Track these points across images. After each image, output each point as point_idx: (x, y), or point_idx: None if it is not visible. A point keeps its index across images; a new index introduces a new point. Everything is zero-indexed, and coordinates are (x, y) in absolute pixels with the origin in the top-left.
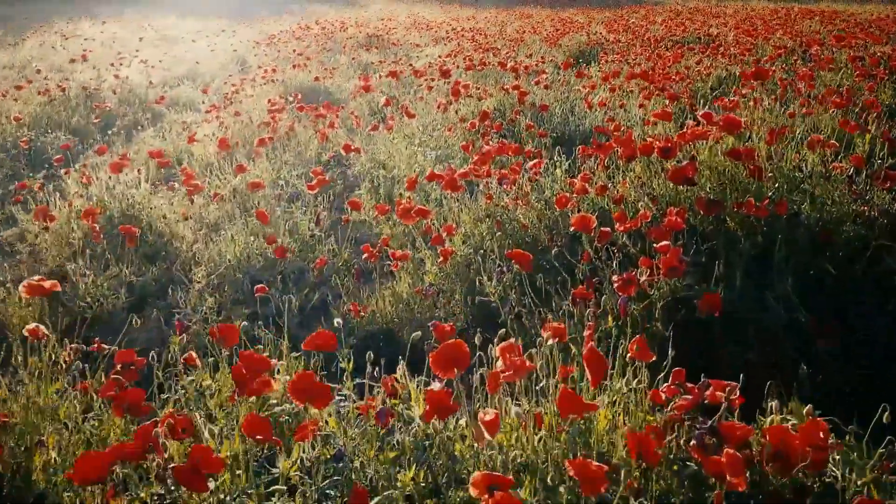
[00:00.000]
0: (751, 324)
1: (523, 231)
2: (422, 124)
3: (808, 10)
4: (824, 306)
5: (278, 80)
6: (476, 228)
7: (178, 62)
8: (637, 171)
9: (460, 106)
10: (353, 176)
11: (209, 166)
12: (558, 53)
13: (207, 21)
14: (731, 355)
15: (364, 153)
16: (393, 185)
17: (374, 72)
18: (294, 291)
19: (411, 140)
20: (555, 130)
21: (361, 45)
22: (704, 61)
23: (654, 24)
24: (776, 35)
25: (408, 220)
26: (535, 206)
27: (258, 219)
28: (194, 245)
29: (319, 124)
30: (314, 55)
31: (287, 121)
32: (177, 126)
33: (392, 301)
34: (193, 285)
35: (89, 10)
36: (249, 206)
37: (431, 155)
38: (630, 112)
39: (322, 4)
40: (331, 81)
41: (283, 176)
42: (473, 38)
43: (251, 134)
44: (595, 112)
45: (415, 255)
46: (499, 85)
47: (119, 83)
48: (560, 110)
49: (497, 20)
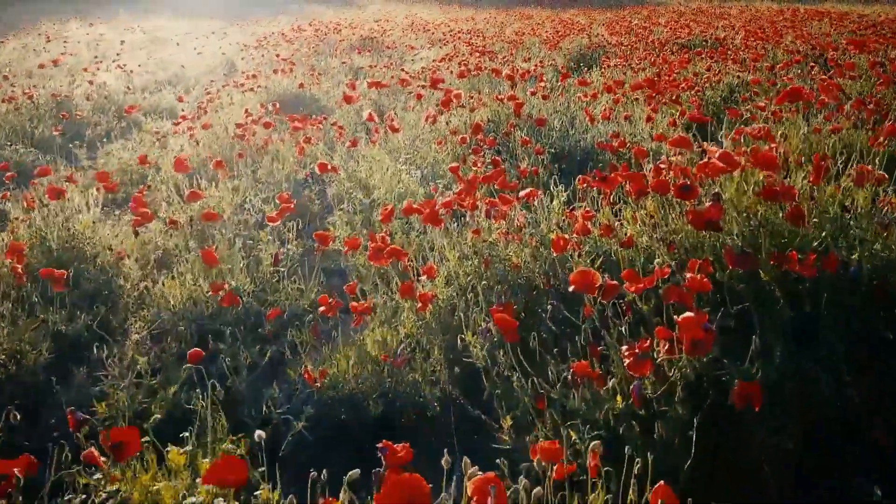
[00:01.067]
0: (793, 405)
1: (515, 271)
2: (410, 136)
3: (816, 11)
4: (881, 382)
5: (261, 86)
6: (461, 267)
7: (164, 66)
8: (649, 208)
9: (452, 116)
10: (333, 196)
11: (177, 185)
12: (558, 57)
13: (202, 22)
14: (768, 448)
15: (343, 171)
16: (372, 210)
17: (364, 77)
18: (247, 343)
19: (397, 155)
20: (553, 146)
21: (355, 47)
22: (713, 67)
23: (657, 26)
24: (787, 38)
25: (379, 262)
26: (528, 244)
27: (205, 261)
28: (141, 283)
29: (300, 136)
30: (304, 59)
31: (263, 133)
32: (149, 137)
33: (358, 362)
34: (131, 336)
35: (83, 10)
36: (210, 234)
37: (417, 174)
38: (636, 126)
39: (320, 5)
40: (317, 88)
41: (248, 200)
42: (469, 41)
43: (223, 148)
44: (598, 125)
45: (389, 300)
46: (493, 94)
47: (94, 89)
48: (559, 123)
49: (496, 21)
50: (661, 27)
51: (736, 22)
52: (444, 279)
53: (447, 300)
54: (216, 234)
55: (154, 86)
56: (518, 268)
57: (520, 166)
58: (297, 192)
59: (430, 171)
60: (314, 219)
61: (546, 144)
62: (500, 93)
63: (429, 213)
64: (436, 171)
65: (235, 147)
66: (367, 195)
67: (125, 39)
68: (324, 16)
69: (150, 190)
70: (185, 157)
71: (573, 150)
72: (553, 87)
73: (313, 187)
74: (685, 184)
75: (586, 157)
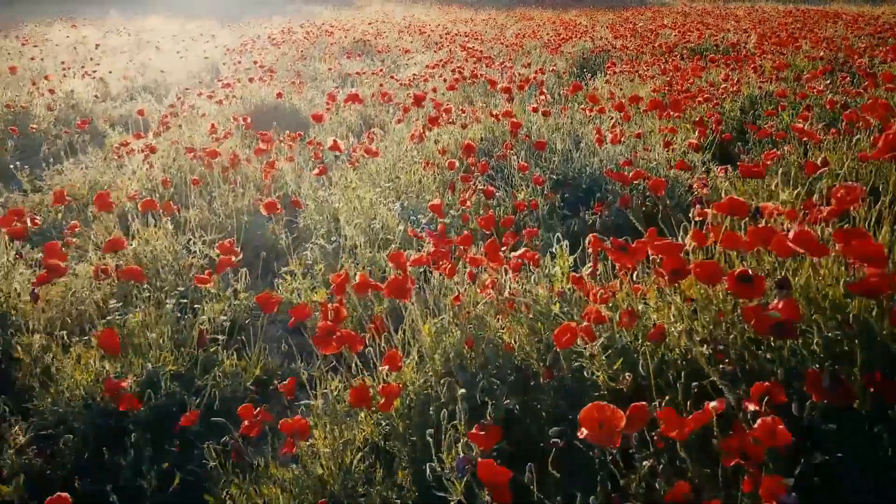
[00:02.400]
0: None
1: (508, 352)
2: (394, 157)
3: (825, 13)
4: None
5: (236, 96)
6: (437, 349)
7: (144, 70)
8: (687, 290)
9: (442, 133)
10: (302, 228)
11: (124, 215)
12: (560, 62)
13: (194, 23)
14: None
15: (313, 201)
16: (338, 257)
17: (352, 84)
18: (157, 453)
19: (377, 180)
20: (555, 171)
21: (346, 51)
22: (731, 76)
23: (663, 29)
24: (805, 44)
25: (327, 350)
26: (523, 316)
27: (101, 345)
28: (49, 356)
29: (281, 153)
30: (290, 64)
31: (229, 153)
32: (113, 154)
33: (294, 489)
34: (14, 438)
35: (77, 10)
36: (151, 283)
37: (396, 207)
38: (653, 151)
39: (319, 5)
40: (298, 97)
41: (193, 242)
42: (465, 45)
43: (182, 171)
44: (606, 146)
45: (343, 390)
46: (488, 107)
47: (62, 98)
48: (562, 144)
49: (496, 23)
50: (668, 30)
51: (745, 24)
52: (414, 364)
53: (419, 391)
54: (147, 289)
55: (127, 93)
56: (511, 349)
57: (516, 195)
58: (259, 224)
59: (414, 200)
60: (282, 255)
61: (547, 170)
62: (495, 105)
63: (393, 286)
64: (421, 200)
65: (196, 169)
66: (339, 229)
67: (108, 42)
68: (320, 16)
69: (96, 221)
70: (104, 193)
71: (578, 177)
72: (555, 99)
73: (282, 216)
74: (745, 273)
75: (593, 184)
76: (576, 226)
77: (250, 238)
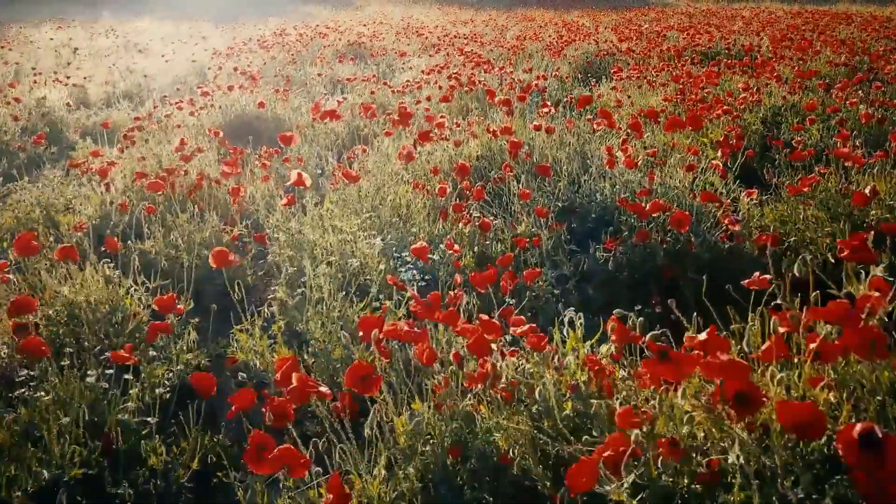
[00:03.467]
0: None
1: (504, 465)
2: (379, 179)
3: (833, 14)
4: None
5: (215, 105)
6: (413, 460)
7: (127, 75)
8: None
9: (435, 148)
10: (271, 264)
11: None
12: (563, 65)
13: (187, 24)
14: None
15: (284, 232)
16: (304, 310)
17: (342, 91)
18: None
19: (359, 206)
20: (561, 197)
21: (341, 54)
22: (750, 84)
23: (670, 31)
24: (826, 49)
25: (261, 470)
26: (523, 417)
27: None
28: None
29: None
30: (279, 68)
31: (195, 173)
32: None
33: None
34: None
35: (70, 11)
36: (80, 342)
37: (377, 242)
38: (672, 174)
39: (318, 6)
40: (283, 106)
41: (131, 291)
42: (463, 48)
43: (143, 191)
44: (619, 168)
45: None
46: (485, 119)
47: (29, 107)
48: (568, 165)
49: (496, 24)
50: (674, 32)
51: (754, 25)
52: (376, 486)
53: None
54: (70, 353)
55: (107, 100)
56: (509, 460)
57: (516, 226)
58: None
59: (401, 230)
60: (251, 290)
61: (551, 194)
62: (493, 118)
63: (356, 373)
64: (408, 230)
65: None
66: (291, 295)
67: (95, 44)
68: (318, 17)
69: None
70: (28, 235)
71: (587, 204)
72: (560, 110)
73: (250, 247)
74: (870, 432)
75: (604, 212)
76: (585, 264)
77: (211, 277)
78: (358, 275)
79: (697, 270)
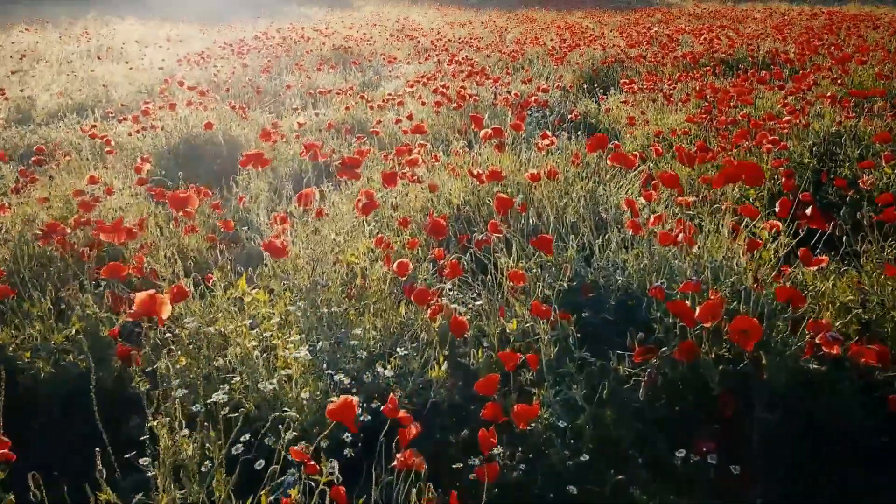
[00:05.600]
0: None
1: None
2: (326, 246)
3: (851, 16)
4: None
5: (158, 125)
6: None
7: (87, 83)
8: None
9: (407, 190)
10: (166, 375)
11: None
12: (566, 73)
13: (170, 25)
14: None
15: (186, 330)
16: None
17: (314, 106)
18: None
19: (293, 283)
20: (567, 275)
21: (324, 59)
22: (792, 103)
23: (682, 34)
24: (873, 58)
25: None
26: None
27: None
28: None
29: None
30: (251, 77)
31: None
32: None
33: None
34: None
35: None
36: None
37: (303, 353)
38: (717, 245)
39: (314, 6)
40: (241, 126)
41: None
42: (453, 56)
43: (34, 250)
44: (648, 236)
45: None
46: (469, 161)
47: None
48: (573, 218)
49: (496, 26)
50: (687, 35)
51: (767, 27)
52: None
53: None
54: None
55: (55, 114)
56: None
57: (505, 318)
58: (104, 359)
59: (349, 323)
60: (137, 406)
61: (554, 270)
62: (480, 150)
63: None
64: (358, 325)
65: (48, 251)
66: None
67: (63, 49)
68: (313, 18)
69: None
70: None
71: (603, 287)
72: (565, 132)
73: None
74: None
75: (626, 297)
76: (605, 389)
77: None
78: (275, 403)
79: (769, 405)
